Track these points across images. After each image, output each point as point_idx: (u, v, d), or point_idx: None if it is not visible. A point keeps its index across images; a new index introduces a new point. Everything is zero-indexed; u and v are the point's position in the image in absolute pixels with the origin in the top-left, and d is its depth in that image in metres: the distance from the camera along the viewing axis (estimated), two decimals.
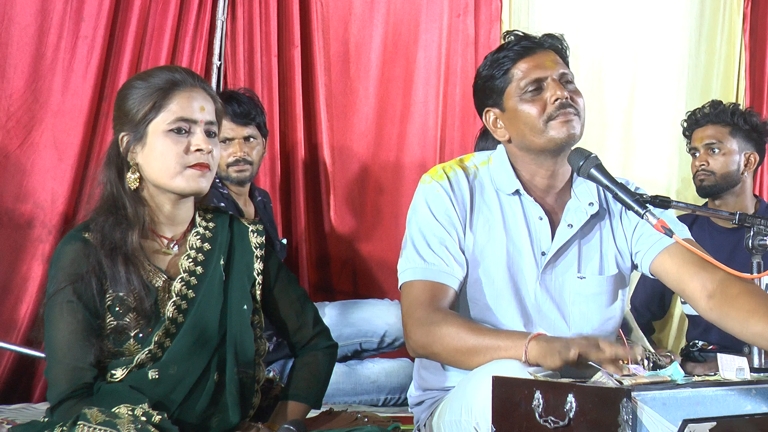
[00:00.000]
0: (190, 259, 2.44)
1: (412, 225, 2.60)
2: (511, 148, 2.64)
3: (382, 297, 4.50)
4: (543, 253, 2.59)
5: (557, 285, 2.60)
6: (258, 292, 2.52)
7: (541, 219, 2.60)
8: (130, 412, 2.17)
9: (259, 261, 2.52)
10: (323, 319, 2.67)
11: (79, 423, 2.12)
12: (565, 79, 2.59)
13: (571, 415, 1.98)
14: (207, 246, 2.47)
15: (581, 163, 2.51)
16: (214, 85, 4.39)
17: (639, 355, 2.22)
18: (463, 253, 2.56)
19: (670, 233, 2.35)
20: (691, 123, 4.26)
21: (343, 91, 4.72)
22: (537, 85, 2.57)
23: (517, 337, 2.36)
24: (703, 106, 4.25)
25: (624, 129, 5.23)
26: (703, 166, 4.17)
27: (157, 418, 2.17)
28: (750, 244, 2.52)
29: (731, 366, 2.14)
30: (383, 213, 4.76)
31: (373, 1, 4.76)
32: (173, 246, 2.46)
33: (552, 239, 2.60)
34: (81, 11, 4.11)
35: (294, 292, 2.60)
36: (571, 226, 2.61)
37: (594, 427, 1.95)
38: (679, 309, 4.79)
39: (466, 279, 2.57)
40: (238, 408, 2.41)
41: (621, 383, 2.01)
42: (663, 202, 2.49)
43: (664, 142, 5.23)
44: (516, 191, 2.61)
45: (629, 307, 2.62)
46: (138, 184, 2.41)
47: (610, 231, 2.66)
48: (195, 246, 2.46)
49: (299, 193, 4.58)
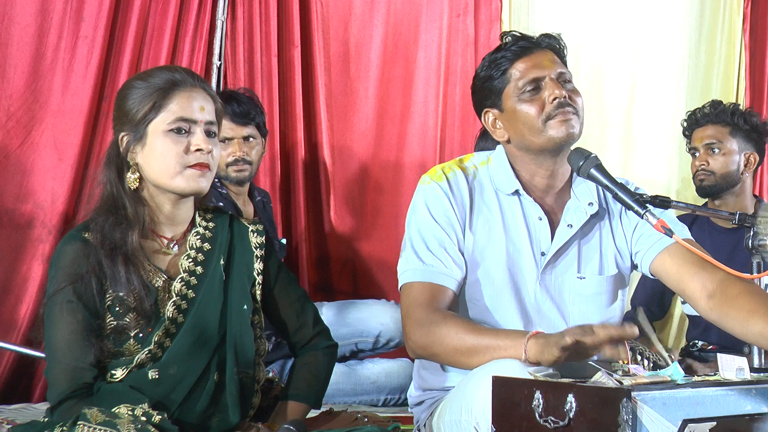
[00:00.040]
0: (190, 259, 2.44)
1: (411, 226, 2.60)
2: (510, 148, 2.64)
3: (382, 297, 4.50)
4: (543, 254, 2.59)
5: (557, 285, 2.60)
6: (258, 292, 2.52)
7: (540, 219, 2.60)
8: (130, 412, 2.17)
9: (259, 261, 2.52)
10: None
11: (79, 423, 2.12)
12: (563, 78, 2.59)
13: (571, 415, 1.98)
14: (207, 246, 2.47)
15: (581, 163, 2.51)
16: (214, 85, 4.39)
17: (627, 352, 2.22)
18: (463, 254, 2.56)
19: (670, 233, 2.35)
20: (691, 123, 4.25)
21: (343, 91, 4.71)
22: (535, 84, 2.57)
23: (516, 336, 2.36)
24: (703, 106, 4.25)
25: (624, 129, 5.23)
26: (703, 166, 4.17)
27: (157, 418, 2.17)
28: (750, 244, 2.53)
29: (731, 366, 2.14)
30: (383, 213, 4.76)
31: (373, 1, 4.76)
32: (173, 246, 2.45)
33: (551, 239, 2.60)
34: (81, 11, 4.11)
35: (294, 292, 2.59)
36: (571, 227, 2.61)
37: (594, 427, 1.95)
38: (679, 309, 4.79)
39: (465, 280, 2.57)
40: (238, 408, 2.41)
41: (621, 383, 2.01)
42: (663, 202, 2.50)
43: (664, 142, 5.22)
44: (515, 191, 2.61)
45: (641, 309, 2.61)
46: (138, 184, 2.41)
47: (609, 231, 2.66)
48: (195, 246, 2.46)
49: (299, 193, 4.58)
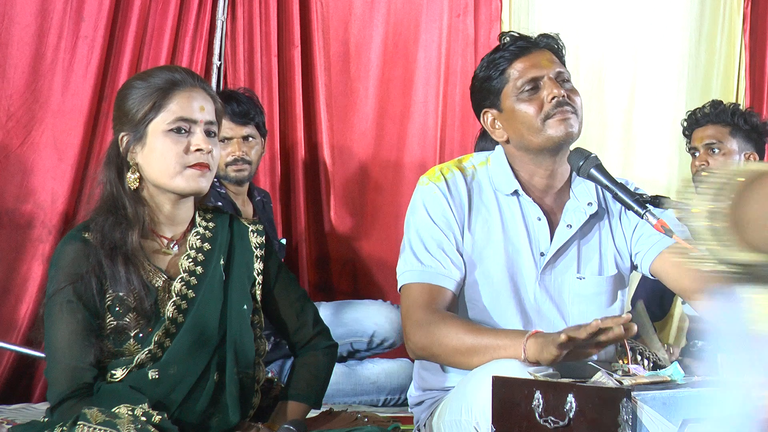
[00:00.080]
0: (190, 259, 2.44)
1: (410, 228, 2.60)
2: (509, 148, 2.64)
3: (382, 297, 4.50)
4: (542, 254, 2.59)
5: (556, 285, 2.60)
6: (258, 292, 2.51)
7: (539, 219, 2.60)
8: (130, 412, 2.16)
9: (259, 261, 2.52)
10: None
11: (79, 423, 2.12)
12: (561, 77, 2.59)
13: (571, 415, 1.98)
14: (207, 246, 2.47)
15: (581, 163, 2.51)
16: (214, 85, 4.38)
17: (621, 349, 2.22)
18: (461, 255, 2.56)
19: (670, 233, 2.35)
20: (691, 123, 4.25)
21: (343, 91, 4.71)
22: (534, 84, 2.57)
23: (515, 335, 2.36)
24: (703, 106, 4.25)
25: (624, 129, 5.23)
26: (703, 166, 4.16)
27: (157, 418, 2.17)
28: None
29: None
30: (383, 213, 4.76)
31: (373, 1, 4.76)
32: (173, 246, 2.45)
33: (551, 240, 2.59)
34: (81, 11, 4.10)
35: (294, 292, 2.59)
36: (570, 227, 2.61)
37: (594, 427, 1.95)
38: (679, 309, 4.78)
39: (464, 280, 2.57)
40: (238, 408, 2.40)
41: (621, 383, 2.01)
42: (663, 203, 2.49)
43: (664, 142, 5.22)
44: (514, 192, 2.61)
45: (641, 302, 2.61)
46: (138, 184, 2.41)
47: (609, 231, 2.66)
48: (195, 246, 2.45)
49: (299, 193, 4.58)
